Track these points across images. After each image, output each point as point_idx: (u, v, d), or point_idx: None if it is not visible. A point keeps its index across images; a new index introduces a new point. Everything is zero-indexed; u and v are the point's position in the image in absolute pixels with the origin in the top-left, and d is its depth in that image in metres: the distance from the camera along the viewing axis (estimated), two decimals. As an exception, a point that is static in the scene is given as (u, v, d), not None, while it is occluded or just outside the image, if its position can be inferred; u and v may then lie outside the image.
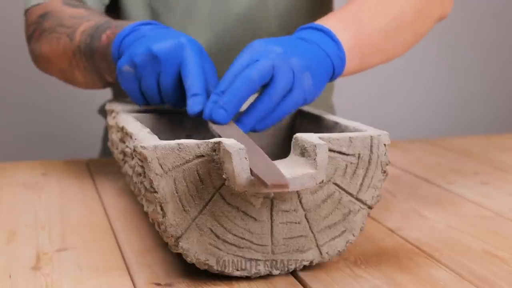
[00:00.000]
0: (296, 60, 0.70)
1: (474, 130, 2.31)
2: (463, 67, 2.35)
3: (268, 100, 0.68)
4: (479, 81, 2.37)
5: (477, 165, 1.05)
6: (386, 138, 0.64)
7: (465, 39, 2.33)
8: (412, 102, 2.31)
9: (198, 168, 0.58)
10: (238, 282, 0.61)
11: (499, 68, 2.39)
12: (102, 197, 0.88)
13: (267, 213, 0.60)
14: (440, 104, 2.34)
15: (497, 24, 2.35)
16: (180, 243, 0.59)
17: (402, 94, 2.28)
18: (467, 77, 2.36)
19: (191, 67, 0.71)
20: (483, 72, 2.37)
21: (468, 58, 2.35)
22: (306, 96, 0.71)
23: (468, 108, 2.37)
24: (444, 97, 2.35)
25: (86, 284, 0.61)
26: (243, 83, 0.66)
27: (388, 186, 0.92)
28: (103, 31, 0.83)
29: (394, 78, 2.24)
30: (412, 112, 2.31)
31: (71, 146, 1.97)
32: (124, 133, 0.71)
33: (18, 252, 0.69)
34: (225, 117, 0.67)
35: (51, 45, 0.90)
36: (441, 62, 2.32)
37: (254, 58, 0.68)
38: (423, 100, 2.32)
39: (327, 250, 0.63)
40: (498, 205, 0.84)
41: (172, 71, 0.73)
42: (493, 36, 2.36)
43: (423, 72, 2.30)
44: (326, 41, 0.76)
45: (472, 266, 0.65)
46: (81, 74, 0.89)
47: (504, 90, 2.41)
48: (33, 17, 0.95)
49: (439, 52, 2.30)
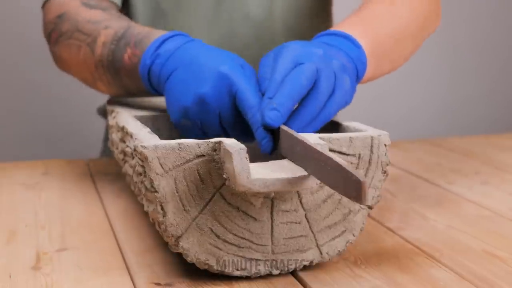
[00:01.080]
0: (336, 62, 0.69)
1: (474, 130, 2.31)
2: (463, 68, 2.35)
3: (315, 103, 0.66)
4: (479, 81, 2.37)
5: (477, 165, 1.05)
6: (387, 138, 0.64)
7: (465, 40, 2.33)
8: (412, 102, 2.31)
9: (199, 167, 0.58)
10: (238, 282, 0.61)
11: (499, 68, 2.39)
12: (102, 197, 0.88)
13: (267, 213, 0.60)
14: (440, 104, 2.34)
15: (497, 25, 2.35)
16: (180, 243, 0.59)
17: (402, 94, 2.28)
18: (467, 77, 2.36)
19: (245, 97, 0.67)
20: (483, 72, 2.37)
21: (468, 59, 2.35)
22: (347, 97, 0.70)
23: (468, 108, 2.37)
24: (444, 97, 2.35)
25: (86, 284, 0.61)
26: (294, 87, 0.64)
27: (388, 186, 0.92)
28: (124, 48, 0.80)
29: (394, 79, 2.24)
30: (412, 112, 2.31)
31: (72, 146, 1.97)
32: (125, 133, 0.71)
33: (18, 252, 0.69)
34: (279, 118, 0.63)
35: (70, 53, 0.89)
36: (441, 63, 2.32)
37: (298, 61, 0.67)
38: (423, 100, 2.32)
39: (327, 250, 0.63)
40: (498, 205, 0.84)
41: (228, 106, 0.69)
42: (493, 36, 2.36)
43: (423, 72, 2.30)
44: (349, 46, 0.76)
45: (472, 266, 0.65)
46: (104, 86, 0.87)
47: (504, 90, 2.41)
48: (51, 15, 0.94)
49: (439, 53, 2.30)
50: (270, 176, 0.56)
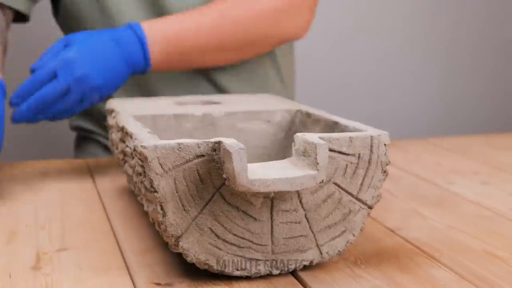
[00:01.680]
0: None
1: (474, 130, 2.31)
2: (463, 67, 2.35)
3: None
4: (479, 81, 2.37)
5: (477, 165, 1.05)
6: (386, 138, 0.64)
7: (465, 40, 2.33)
8: (412, 102, 2.31)
9: (198, 167, 0.58)
10: (238, 282, 0.61)
11: (499, 68, 2.39)
12: (102, 197, 0.88)
13: (267, 213, 0.60)
14: (440, 104, 2.34)
15: (496, 25, 2.35)
16: (180, 243, 0.59)
17: (402, 94, 2.28)
18: (467, 77, 2.36)
19: None
20: (483, 72, 2.37)
21: (468, 59, 2.35)
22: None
23: (467, 108, 2.37)
24: (445, 98, 2.35)
25: (86, 284, 0.61)
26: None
27: (388, 186, 0.92)
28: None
29: (394, 78, 2.24)
30: (412, 112, 2.31)
31: (71, 146, 1.96)
32: (124, 133, 0.71)
33: (18, 252, 0.69)
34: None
35: None
36: (441, 62, 2.32)
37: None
38: (423, 100, 2.32)
39: (327, 250, 0.63)
40: (498, 205, 0.85)
41: None
42: (493, 36, 2.36)
43: (423, 72, 2.30)
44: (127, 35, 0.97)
45: (472, 266, 0.65)
46: None
47: (504, 90, 2.41)
48: None
49: (439, 52, 2.30)
50: (270, 176, 0.56)
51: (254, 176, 0.56)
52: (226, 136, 0.81)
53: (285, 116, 0.82)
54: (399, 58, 2.18)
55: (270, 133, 0.83)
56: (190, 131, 0.81)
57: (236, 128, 0.82)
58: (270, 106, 0.85)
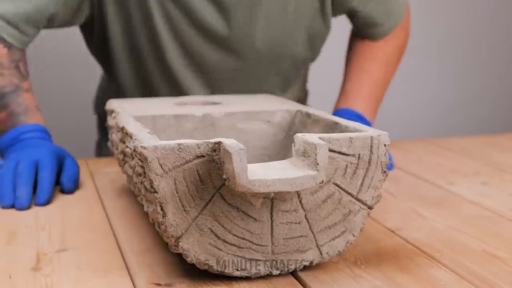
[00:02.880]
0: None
1: (474, 130, 2.32)
2: (464, 68, 2.35)
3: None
4: (479, 81, 2.37)
5: (477, 165, 1.05)
6: (386, 138, 0.64)
7: (466, 41, 2.33)
8: (413, 103, 2.31)
9: (198, 168, 0.58)
10: (238, 282, 0.61)
11: (499, 68, 2.39)
12: (102, 197, 0.88)
13: (267, 213, 0.60)
14: (440, 105, 2.34)
15: (497, 26, 2.35)
16: (180, 243, 0.59)
17: (402, 94, 2.28)
18: (467, 77, 2.36)
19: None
20: (483, 72, 2.37)
21: (468, 59, 2.35)
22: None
23: (468, 108, 2.37)
24: (444, 98, 2.35)
25: (86, 284, 0.61)
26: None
27: (388, 186, 0.92)
28: (3, 107, 0.96)
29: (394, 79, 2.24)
30: (412, 112, 2.31)
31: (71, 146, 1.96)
32: (124, 133, 0.71)
33: (18, 252, 0.69)
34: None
35: None
36: (441, 63, 2.32)
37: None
38: (423, 100, 2.32)
39: (327, 250, 0.63)
40: (498, 205, 0.85)
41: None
42: (493, 37, 2.36)
43: (423, 72, 2.30)
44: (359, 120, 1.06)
45: (472, 266, 0.65)
46: None
47: (504, 90, 2.41)
48: None
49: (439, 53, 2.30)
50: (270, 176, 0.56)
51: (254, 176, 0.56)
52: (226, 137, 0.81)
53: (285, 116, 0.82)
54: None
55: (270, 133, 0.83)
56: (190, 131, 0.81)
57: (236, 128, 0.82)
58: (270, 107, 0.85)
